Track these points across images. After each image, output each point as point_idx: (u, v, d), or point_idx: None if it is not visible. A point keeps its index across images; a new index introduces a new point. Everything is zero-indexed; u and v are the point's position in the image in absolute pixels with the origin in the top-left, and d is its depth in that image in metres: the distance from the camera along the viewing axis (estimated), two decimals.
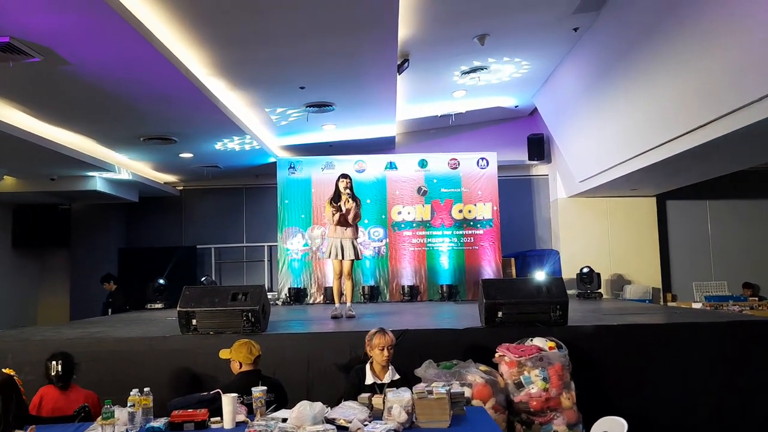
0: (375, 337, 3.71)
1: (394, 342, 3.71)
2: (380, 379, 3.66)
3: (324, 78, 6.86)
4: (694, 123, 6.25)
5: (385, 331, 3.73)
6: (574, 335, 4.50)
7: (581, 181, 9.76)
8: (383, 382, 3.63)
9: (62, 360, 3.74)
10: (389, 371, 3.70)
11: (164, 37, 5.34)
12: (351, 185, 6.29)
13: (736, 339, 4.56)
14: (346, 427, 2.80)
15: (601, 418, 3.31)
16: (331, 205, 6.21)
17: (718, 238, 10.87)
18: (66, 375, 3.73)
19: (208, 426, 3.01)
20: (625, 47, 6.78)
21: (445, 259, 9.56)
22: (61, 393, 3.70)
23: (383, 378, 3.66)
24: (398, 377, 3.67)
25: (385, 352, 3.66)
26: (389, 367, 3.71)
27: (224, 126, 7.65)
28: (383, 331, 3.73)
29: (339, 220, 6.18)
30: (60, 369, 3.71)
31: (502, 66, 7.99)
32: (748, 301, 9.11)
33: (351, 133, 9.53)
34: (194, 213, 11.46)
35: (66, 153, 7.65)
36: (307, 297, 9.44)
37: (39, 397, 3.65)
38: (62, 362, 3.73)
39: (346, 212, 6.16)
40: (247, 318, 4.64)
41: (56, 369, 3.70)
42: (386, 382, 3.63)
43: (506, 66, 8.03)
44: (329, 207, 6.22)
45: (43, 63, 5.16)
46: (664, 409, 4.36)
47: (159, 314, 7.90)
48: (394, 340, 3.71)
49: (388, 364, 3.71)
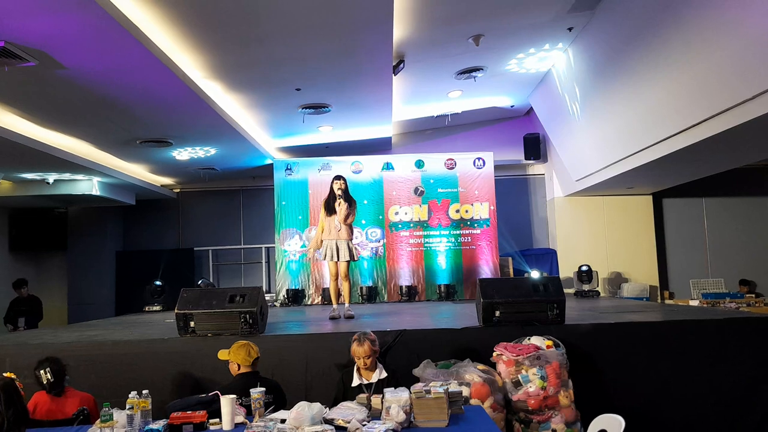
0: (353, 346, 3.71)
1: (371, 350, 3.67)
2: (367, 380, 3.68)
3: (320, 79, 6.87)
4: (689, 121, 6.27)
5: (363, 340, 3.68)
6: (572, 334, 4.51)
7: (577, 180, 9.78)
8: (371, 382, 3.66)
9: (50, 367, 3.69)
10: (377, 371, 3.71)
11: (159, 40, 5.35)
12: (346, 187, 6.35)
13: (733, 336, 4.57)
14: (344, 428, 2.81)
15: (599, 416, 3.32)
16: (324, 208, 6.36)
17: (715, 236, 10.90)
18: (57, 381, 3.70)
19: (206, 428, 3.02)
20: (619, 46, 6.80)
21: (442, 259, 9.58)
22: (55, 399, 3.67)
23: (370, 378, 3.68)
24: (385, 376, 3.68)
25: (362, 362, 3.68)
26: (377, 366, 3.73)
27: (220, 128, 7.65)
28: (360, 339, 3.70)
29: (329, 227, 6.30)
30: (50, 376, 3.67)
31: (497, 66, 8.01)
32: (744, 298, 9.12)
33: (347, 134, 9.54)
34: (191, 215, 11.45)
35: (62, 156, 7.64)
36: (305, 298, 9.44)
37: (33, 404, 3.63)
38: (50, 369, 3.68)
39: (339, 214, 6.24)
40: (245, 320, 4.64)
41: (46, 378, 3.67)
42: (373, 382, 3.65)
43: (501, 66, 8.05)
44: (322, 211, 6.37)
45: (38, 67, 5.16)
46: (661, 407, 4.38)
47: (157, 317, 7.89)
48: (370, 349, 3.66)
49: (375, 366, 3.72)
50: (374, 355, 3.71)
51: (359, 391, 3.56)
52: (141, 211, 11.05)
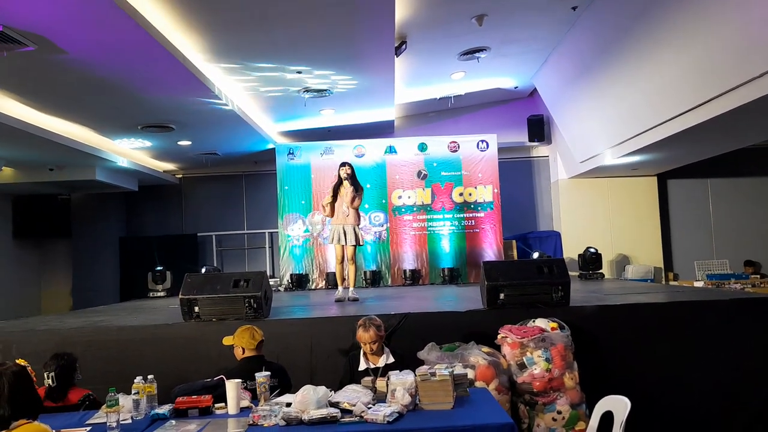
0: (358, 331, 3.72)
1: (377, 335, 3.67)
2: (374, 364, 3.69)
3: (321, 62, 6.80)
4: (695, 101, 6.20)
5: (368, 326, 3.69)
6: (577, 316, 4.50)
7: (582, 161, 9.72)
8: (378, 366, 3.66)
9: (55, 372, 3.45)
10: (383, 355, 3.72)
11: (159, 23, 5.29)
12: (352, 172, 6.46)
13: (738, 317, 4.55)
14: (350, 411, 2.80)
15: (604, 398, 3.31)
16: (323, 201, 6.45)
17: (720, 217, 10.85)
18: (59, 386, 3.48)
19: (212, 412, 3.03)
20: (624, 25, 6.71)
21: (446, 243, 9.56)
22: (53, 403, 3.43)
23: (377, 363, 3.69)
24: (392, 361, 3.68)
25: (368, 347, 3.68)
26: (384, 351, 3.74)
27: (222, 112, 7.60)
28: (365, 325, 3.70)
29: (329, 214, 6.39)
30: (52, 381, 3.44)
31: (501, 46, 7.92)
32: (749, 279, 9.10)
33: (350, 118, 9.48)
34: (194, 201, 11.45)
35: (64, 143, 7.62)
36: (309, 282, 9.45)
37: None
38: (55, 374, 3.44)
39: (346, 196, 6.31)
40: (249, 304, 4.64)
41: (48, 382, 3.45)
42: (380, 366, 3.65)
43: (505, 46, 7.96)
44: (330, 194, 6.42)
45: (37, 52, 5.12)
46: (666, 388, 4.37)
47: (161, 302, 7.92)
48: (376, 335, 3.67)
49: (381, 350, 3.73)
50: (380, 340, 3.72)
51: (366, 375, 3.56)
52: (144, 196, 11.05)
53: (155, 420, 2.94)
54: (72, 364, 3.59)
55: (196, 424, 2.82)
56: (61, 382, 3.50)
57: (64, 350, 3.76)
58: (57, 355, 3.58)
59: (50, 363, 3.51)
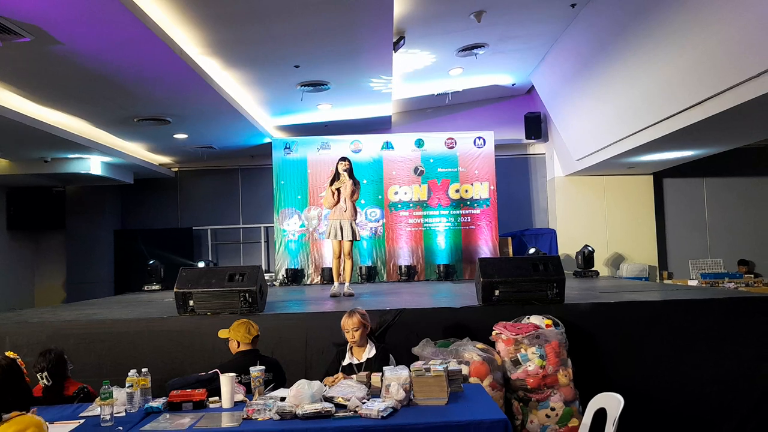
0: (342, 319, 3.71)
1: (360, 323, 3.66)
2: (358, 359, 3.68)
3: (319, 56, 6.78)
4: (692, 100, 6.21)
5: (353, 313, 3.69)
6: (571, 313, 4.51)
7: (578, 159, 9.73)
8: (361, 361, 3.66)
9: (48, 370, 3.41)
10: (366, 349, 3.70)
11: (156, 15, 5.26)
12: (350, 168, 6.50)
13: (731, 315, 4.58)
14: (344, 405, 2.81)
15: (598, 395, 3.32)
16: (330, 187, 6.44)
17: (715, 216, 10.88)
18: (57, 381, 3.45)
19: (206, 406, 3.02)
20: (622, 23, 6.71)
21: (442, 239, 9.57)
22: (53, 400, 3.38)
23: (361, 357, 3.68)
24: (374, 353, 3.67)
25: (350, 335, 3.67)
26: (367, 344, 3.72)
27: (218, 106, 7.58)
28: (350, 313, 3.70)
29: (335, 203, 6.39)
30: (47, 381, 3.41)
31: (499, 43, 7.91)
32: (743, 278, 9.12)
33: (347, 113, 9.46)
34: (190, 194, 11.41)
35: (59, 135, 7.58)
36: (305, 277, 9.46)
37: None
38: (49, 372, 3.41)
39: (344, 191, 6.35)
40: (244, 298, 4.64)
41: (44, 383, 3.42)
42: (363, 361, 3.65)
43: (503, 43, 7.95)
44: (327, 191, 6.45)
45: (33, 43, 5.08)
46: (660, 385, 4.40)
47: (156, 296, 7.90)
48: (359, 322, 3.66)
49: (366, 343, 3.71)
50: (363, 329, 3.68)
51: (349, 371, 3.58)
52: (139, 189, 11.01)
53: (149, 413, 2.93)
54: (61, 357, 3.54)
55: (190, 418, 2.81)
56: (57, 378, 3.46)
57: (56, 343, 3.75)
58: (44, 353, 3.50)
59: (40, 362, 3.45)
